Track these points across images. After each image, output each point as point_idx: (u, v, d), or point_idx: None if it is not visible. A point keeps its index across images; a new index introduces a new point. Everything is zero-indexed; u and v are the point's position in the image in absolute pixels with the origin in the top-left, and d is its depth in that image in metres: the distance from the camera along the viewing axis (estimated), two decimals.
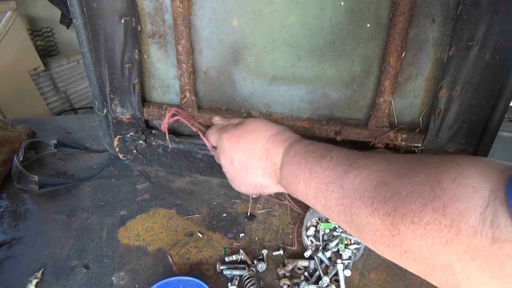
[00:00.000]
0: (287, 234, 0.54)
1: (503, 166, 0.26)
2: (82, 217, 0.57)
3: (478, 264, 0.24)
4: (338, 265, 0.47)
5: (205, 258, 0.50)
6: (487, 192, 0.24)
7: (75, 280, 0.46)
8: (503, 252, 0.22)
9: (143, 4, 0.53)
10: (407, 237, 0.27)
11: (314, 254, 0.49)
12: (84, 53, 0.57)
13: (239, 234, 0.54)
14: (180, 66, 0.55)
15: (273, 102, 0.58)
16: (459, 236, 0.24)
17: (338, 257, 0.50)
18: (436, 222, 0.25)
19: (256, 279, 0.45)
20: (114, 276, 0.47)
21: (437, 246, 0.25)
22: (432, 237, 0.25)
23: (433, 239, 0.25)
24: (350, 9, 0.48)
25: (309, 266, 0.49)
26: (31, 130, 0.81)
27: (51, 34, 2.02)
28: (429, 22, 0.47)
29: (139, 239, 0.53)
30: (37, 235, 0.53)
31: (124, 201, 0.61)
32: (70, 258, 0.49)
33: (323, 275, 0.47)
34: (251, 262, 0.49)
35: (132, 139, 0.63)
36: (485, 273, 0.23)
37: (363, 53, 0.51)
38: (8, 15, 1.51)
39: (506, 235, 0.22)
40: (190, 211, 0.59)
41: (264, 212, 0.59)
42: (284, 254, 0.51)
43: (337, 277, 0.47)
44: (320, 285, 0.46)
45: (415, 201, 0.27)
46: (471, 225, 0.24)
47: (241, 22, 0.51)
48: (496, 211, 0.23)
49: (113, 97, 0.59)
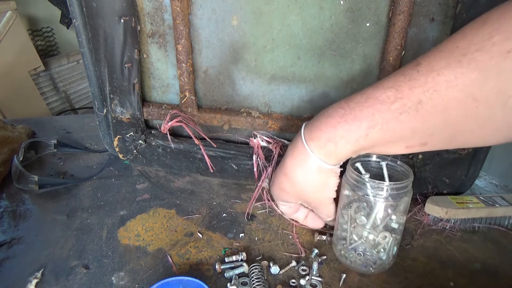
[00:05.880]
0: (287, 234, 0.54)
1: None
2: (82, 217, 0.57)
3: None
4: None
5: (205, 258, 0.50)
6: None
7: (75, 280, 0.46)
8: None
9: (142, 4, 0.53)
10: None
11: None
12: (84, 53, 0.57)
13: (239, 234, 0.54)
14: (179, 65, 0.55)
15: (273, 102, 0.58)
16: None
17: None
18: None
19: (263, 281, 0.44)
20: (114, 276, 0.47)
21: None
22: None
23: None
24: (350, 8, 0.47)
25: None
26: (31, 130, 0.82)
27: (51, 34, 2.02)
28: (428, 21, 0.47)
29: (139, 239, 0.53)
30: (37, 235, 0.53)
31: (124, 201, 0.61)
32: (70, 258, 0.49)
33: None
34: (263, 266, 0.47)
35: (132, 139, 0.63)
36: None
37: (362, 52, 0.51)
38: (8, 15, 1.52)
39: None
40: (190, 211, 0.59)
41: (264, 212, 0.59)
42: (297, 265, 0.49)
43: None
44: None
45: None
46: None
47: (241, 21, 0.51)
48: None
49: (113, 97, 0.59)
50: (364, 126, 0.38)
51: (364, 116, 0.38)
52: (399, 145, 0.40)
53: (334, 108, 0.41)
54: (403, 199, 0.44)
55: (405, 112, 0.36)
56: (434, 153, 0.55)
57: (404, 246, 0.52)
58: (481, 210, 0.53)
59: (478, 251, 0.51)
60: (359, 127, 0.38)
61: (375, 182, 0.42)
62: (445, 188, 0.58)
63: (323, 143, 0.41)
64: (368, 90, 0.39)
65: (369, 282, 0.46)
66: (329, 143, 0.40)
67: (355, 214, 0.46)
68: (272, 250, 0.51)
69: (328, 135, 0.40)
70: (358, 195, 0.44)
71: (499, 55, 0.30)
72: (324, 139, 0.40)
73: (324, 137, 0.40)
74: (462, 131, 0.36)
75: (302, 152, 0.43)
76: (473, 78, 0.32)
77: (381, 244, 0.46)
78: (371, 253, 0.47)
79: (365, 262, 0.47)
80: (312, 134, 0.42)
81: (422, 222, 0.56)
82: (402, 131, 0.37)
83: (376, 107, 0.37)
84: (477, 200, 0.55)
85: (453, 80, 0.33)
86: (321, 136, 0.41)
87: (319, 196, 0.46)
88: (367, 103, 0.38)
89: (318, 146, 0.41)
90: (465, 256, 0.50)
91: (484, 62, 0.31)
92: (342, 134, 0.39)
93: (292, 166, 0.45)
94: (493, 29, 0.31)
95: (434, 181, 0.58)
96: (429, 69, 0.34)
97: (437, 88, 0.34)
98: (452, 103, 0.34)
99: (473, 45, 0.32)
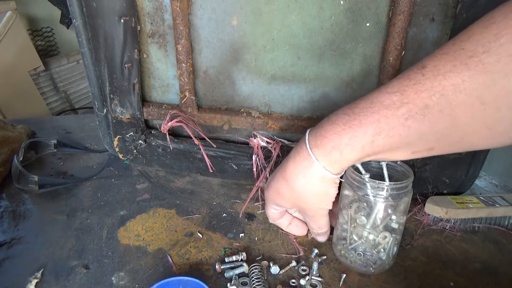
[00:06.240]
0: (287, 234, 0.54)
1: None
2: (82, 217, 0.57)
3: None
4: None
5: (205, 258, 0.50)
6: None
7: (75, 280, 0.46)
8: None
9: (142, 4, 0.53)
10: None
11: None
12: (84, 53, 0.57)
13: (239, 234, 0.54)
14: (179, 65, 0.55)
15: (273, 102, 0.58)
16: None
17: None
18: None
19: (263, 281, 0.44)
20: (114, 276, 0.47)
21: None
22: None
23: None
24: (350, 8, 0.47)
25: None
26: (31, 130, 0.82)
27: (51, 34, 2.02)
28: (428, 21, 0.47)
29: (139, 239, 0.53)
30: (37, 235, 0.53)
31: (124, 201, 0.61)
32: (70, 258, 0.49)
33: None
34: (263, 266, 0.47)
35: (132, 139, 0.63)
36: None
37: (362, 52, 0.51)
38: (8, 15, 1.52)
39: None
40: (190, 211, 0.59)
41: (264, 212, 0.59)
42: (297, 265, 0.49)
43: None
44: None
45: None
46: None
47: (241, 21, 0.51)
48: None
49: (113, 97, 0.59)
50: (369, 133, 0.37)
51: (369, 123, 0.37)
52: (405, 150, 0.39)
53: (338, 115, 0.40)
54: (403, 199, 0.44)
55: (412, 117, 0.35)
56: None
57: (404, 246, 0.52)
58: (481, 210, 0.53)
59: (478, 251, 0.51)
60: (365, 134, 0.37)
61: (375, 182, 0.42)
62: (445, 188, 0.58)
63: (328, 151, 0.40)
64: (372, 95, 0.38)
65: (369, 282, 0.46)
66: (334, 151, 0.39)
67: (355, 214, 0.46)
68: (272, 250, 0.51)
69: (333, 143, 0.39)
70: (358, 195, 0.44)
71: (506, 56, 0.30)
72: (329, 146, 0.40)
73: (329, 145, 0.40)
74: (469, 134, 0.35)
75: (305, 159, 0.42)
76: (481, 81, 0.31)
77: (381, 244, 0.46)
78: (371, 253, 0.47)
79: (365, 262, 0.47)
80: (317, 141, 0.41)
81: (422, 222, 0.56)
82: (409, 136, 0.36)
83: (381, 112, 0.36)
84: (477, 200, 0.55)
85: (460, 84, 0.32)
86: (326, 144, 0.40)
87: (317, 206, 0.46)
88: (372, 109, 0.37)
89: (323, 154, 0.40)
90: (465, 256, 0.50)
91: (491, 64, 0.31)
92: (347, 141, 0.38)
93: (294, 173, 0.44)
94: (500, 30, 0.30)
95: (434, 181, 0.58)
96: (435, 72, 0.33)
97: (444, 92, 0.33)
98: (459, 107, 0.33)
99: (479, 46, 0.31)
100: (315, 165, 0.41)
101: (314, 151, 0.41)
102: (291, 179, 0.44)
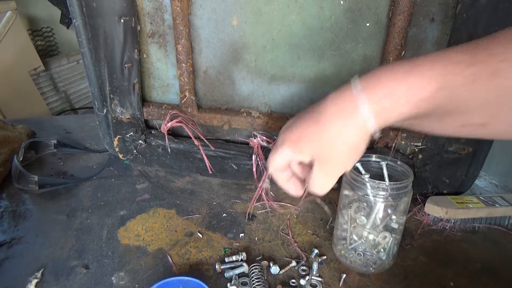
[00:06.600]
0: (287, 235, 0.54)
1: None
2: (82, 217, 0.57)
3: None
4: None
5: (205, 258, 0.50)
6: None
7: (75, 280, 0.46)
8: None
9: (142, 4, 0.53)
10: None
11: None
12: (84, 53, 0.57)
13: (239, 234, 0.54)
14: (179, 65, 0.55)
15: (273, 102, 0.58)
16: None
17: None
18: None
19: (263, 281, 0.44)
20: (114, 276, 0.47)
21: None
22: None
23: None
24: (350, 8, 0.48)
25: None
26: (31, 130, 0.82)
27: (51, 34, 2.02)
28: (428, 21, 0.47)
29: (139, 239, 0.53)
30: (37, 235, 0.53)
31: (124, 201, 0.61)
32: (70, 258, 0.49)
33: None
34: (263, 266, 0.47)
35: (132, 139, 0.63)
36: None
37: (362, 52, 0.51)
38: (8, 15, 1.51)
39: None
40: (190, 211, 0.59)
41: (264, 212, 0.59)
42: (297, 265, 0.49)
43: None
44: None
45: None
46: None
47: (241, 21, 0.51)
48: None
49: (113, 97, 0.59)
50: (432, 87, 0.33)
51: (434, 75, 0.33)
52: (457, 120, 0.35)
53: (396, 64, 0.35)
54: (403, 199, 0.44)
55: (479, 80, 0.31)
56: (434, 153, 0.55)
57: (404, 246, 0.52)
58: (481, 210, 0.53)
59: (478, 251, 0.51)
60: (427, 86, 0.33)
61: (375, 182, 0.42)
62: (445, 188, 0.58)
63: (379, 97, 0.35)
64: (434, 53, 0.34)
65: (369, 282, 0.46)
66: (386, 99, 0.35)
67: (355, 214, 0.46)
68: (272, 250, 0.51)
69: (388, 89, 0.34)
70: (358, 195, 0.44)
71: None
72: (382, 93, 0.35)
73: (383, 91, 0.35)
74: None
75: (349, 102, 0.37)
76: None
77: (381, 244, 0.46)
78: (371, 253, 0.47)
79: (365, 262, 0.47)
80: (369, 83, 0.36)
81: (422, 222, 0.56)
82: (469, 102, 0.32)
83: (448, 68, 0.32)
84: (477, 200, 0.55)
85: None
86: (380, 89, 0.35)
87: (342, 159, 0.40)
88: (438, 64, 0.33)
89: (372, 100, 0.35)
90: (465, 256, 0.50)
91: None
92: (405, 91, 0.34)
93: (331, 115, 0.38)
94: None
95: (434, 181, 0.58)
96: (506, 43, 0.30)
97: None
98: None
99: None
100: (360, 109, 0.36)
101: (362, 95, 0.36)
102: (326, 121, 0.39)
